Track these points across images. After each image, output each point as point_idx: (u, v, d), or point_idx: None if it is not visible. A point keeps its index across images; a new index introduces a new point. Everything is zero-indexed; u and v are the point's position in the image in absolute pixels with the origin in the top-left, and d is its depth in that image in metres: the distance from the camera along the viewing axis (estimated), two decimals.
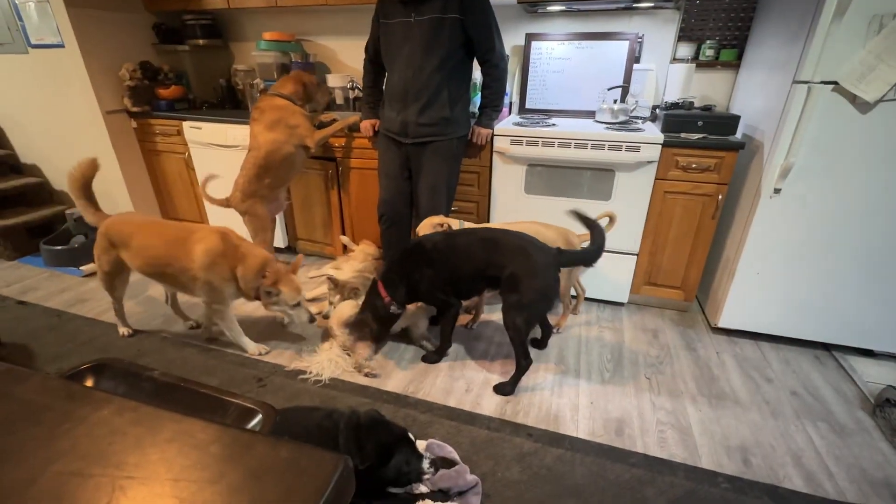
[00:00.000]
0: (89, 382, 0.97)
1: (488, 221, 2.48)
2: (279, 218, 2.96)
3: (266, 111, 2.32)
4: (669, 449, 1.60)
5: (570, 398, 1.82)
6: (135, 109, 2.98)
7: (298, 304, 1.97)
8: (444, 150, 2.13)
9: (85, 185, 1.98)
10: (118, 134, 3.01)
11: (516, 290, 1.66)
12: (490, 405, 1.78)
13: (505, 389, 1.82)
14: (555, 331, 2.24)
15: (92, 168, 1.98)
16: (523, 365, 1.78)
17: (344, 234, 2.87)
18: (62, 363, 2.00)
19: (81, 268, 2.87)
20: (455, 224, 2.07)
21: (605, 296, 2.46)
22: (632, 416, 1.73)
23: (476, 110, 2.37)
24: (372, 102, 2.36)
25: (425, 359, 2.05)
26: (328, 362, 1.97)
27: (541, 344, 2.11)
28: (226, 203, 2.43)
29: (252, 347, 2.09)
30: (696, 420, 1.72)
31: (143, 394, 0.95)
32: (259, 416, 0.84)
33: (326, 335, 2.17)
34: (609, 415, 1.74)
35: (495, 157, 2.32)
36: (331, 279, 2.11)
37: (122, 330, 2.21)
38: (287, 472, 0.44)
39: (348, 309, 2.04)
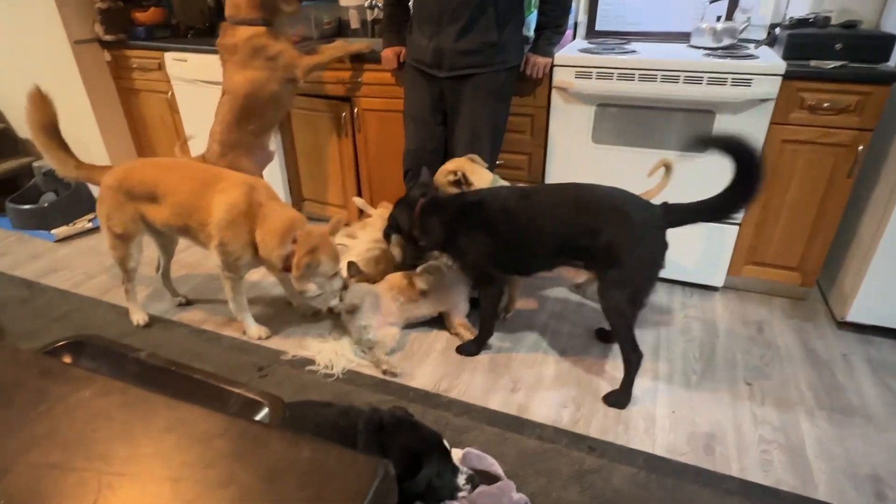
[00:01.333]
0: (67, 362, 1.01)
1: (543, 179, 2.43)
2: (280, 175, 2.99)
3: (236, 50, 2.24)
4: (775, 474, 1.56)
5: (645, 405, 1.80)
6: (108, 38, 3.04)
7: (335, 274, 1.94)
8: (488, 85, 2.08)
9: (48, 129, 2.01)
10: (89, 69, 3.09)
11: (616, 262, 1.63)
12: (542, 409, 1.78)
13: (618, 400, 1.78)
14: (581, 294, 2.24)
15: (44, 104, 1.97)
16: (633, 360, 1.75)
17: (360, 194, 2.87)
18: (35, 341, 2.12)
19: (53, 231, 3.02)
20: (477, 171, 2.01)
21: (693, 277, 2.39)
22: (726, 430, 1.70)
23: (531, 33, 2.27)
24: (396, 26, 2.31)
25: (461, 349, 2.05)
26: (335, 354, 2.00)
27: (611, 336, 2.09)
28: (202, 160, 2.40)
29: (253, 330, 2.15)
30: (812, 439, 1.66)
31: (128, 377, 0.98)
32: (265, 410, 0.86)
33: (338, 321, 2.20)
34: (696, 428, 1.70)
35: (555, 95, 2.25)
36: (352, 265, 2.11)
37: (138, 317, 2.23)
38: (312, 476, 0.44)
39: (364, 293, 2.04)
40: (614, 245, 1.63)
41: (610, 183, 2.10)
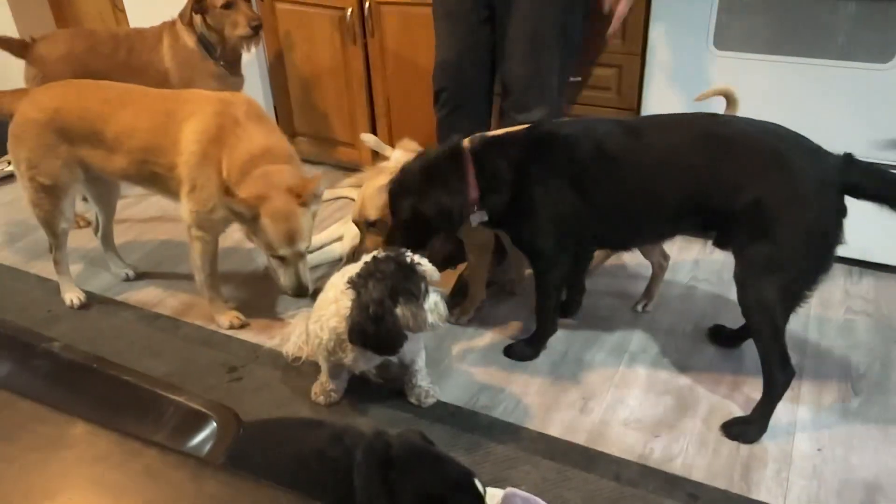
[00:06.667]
0: None
1: (639, 102, 2.38)
2: (263, 101, 3.03)
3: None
4: None
5: (776, 439, 1.77)
6: None
7: (283, 259, 1.94)
8: None
9: None
10: None
11: (766, 234, 1.60)
12: (624, 438, 1.77)
13: (747, 431, 1.76)
14: (639, 308, 2.21)
15: None
16: (779, 380, 1.71)
17: (374, 128, 2.87)
18: None
19: None
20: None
21: (861, 252, 2.32)
22: None
23: None
24: None
25: (512, 351, 2.07)
26: (298, 334, 2.03)
27: (732, 338, 2.06)
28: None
29: (224, 316, 2.23)
30: None
31: (36, 376, 1.04)
32: (212, 426, 0.88)
33: None
34: (853, 474, 1.66)
35: None
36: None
37: (71, 296, 2.35)
38: None
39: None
40: (765, 207, 1.59)
41: (740, 109, 2.04)
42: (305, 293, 1.98)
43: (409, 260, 1.57)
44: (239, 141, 1.92)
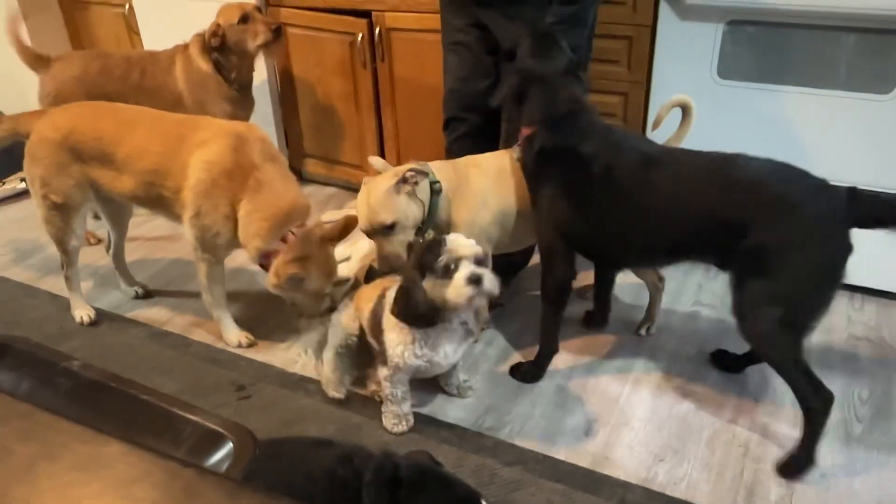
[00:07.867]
0: None
1: (643, 129, 2.40)
2: (272, 122, 3.05)
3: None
4: None
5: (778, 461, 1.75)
6: None
7: (324, 295, 2.06)
8: None
9: None
10: None
11: (768, 271, 1.61)
12: (628, 462, 1.77)
13: (796, 468, 1.71)
14: (642, 332, 2.22)
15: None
16: (817, 406, 1.67)
17: (382, 151, 2.89)
18: None
19: None
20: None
21: (865, 279, 2.31)
22: None
23: None
24: None
25: (517, 373, 2.07)
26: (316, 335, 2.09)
27: (737, 363, 2.06)
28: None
29: (233, 334, 2.24)
30: None
31: (57, 394, 1.05)
32: (228, 446, 0.89)
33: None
34: (856, 499, 1.66)
35: (664, 8, 2.22)
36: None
37: (82, 313, 2.36)
38: None
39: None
40: (768, 249, 1.59)
41: (741, 138, 2.05)
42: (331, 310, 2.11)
43: (436, 236, 1.66)
44: (261, 187, 1.95)
